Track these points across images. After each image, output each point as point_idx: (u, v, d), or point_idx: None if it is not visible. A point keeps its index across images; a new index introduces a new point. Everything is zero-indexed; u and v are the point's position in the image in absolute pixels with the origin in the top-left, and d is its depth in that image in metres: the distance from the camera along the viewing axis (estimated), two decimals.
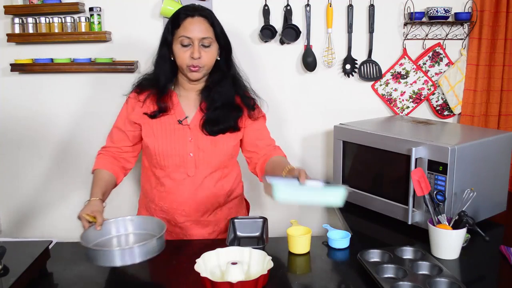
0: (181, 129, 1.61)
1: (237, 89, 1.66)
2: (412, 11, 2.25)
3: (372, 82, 2.37)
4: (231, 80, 1.65)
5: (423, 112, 2.42)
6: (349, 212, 1.86)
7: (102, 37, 2.20)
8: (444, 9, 2.19)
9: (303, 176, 1.33)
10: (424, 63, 2.35)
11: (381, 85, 2.37)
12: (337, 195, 1.28)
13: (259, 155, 1.69)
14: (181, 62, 1.56)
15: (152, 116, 1.61)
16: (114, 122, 1.72)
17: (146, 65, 2.30)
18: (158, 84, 1.62)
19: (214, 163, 1.64)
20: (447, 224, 1.46)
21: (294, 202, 1.30)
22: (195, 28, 1.53)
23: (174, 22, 1.56)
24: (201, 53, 1.54)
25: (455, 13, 2.25)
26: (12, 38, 2.20)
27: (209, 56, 1.56)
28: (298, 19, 2.28)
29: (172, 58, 1.60)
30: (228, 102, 1.63)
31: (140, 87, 1.66)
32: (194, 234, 1.69)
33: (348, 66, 2.33)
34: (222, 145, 1.63)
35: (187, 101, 1.65)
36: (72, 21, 2.22)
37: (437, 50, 2.33)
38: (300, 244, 1.46)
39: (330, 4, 2.26)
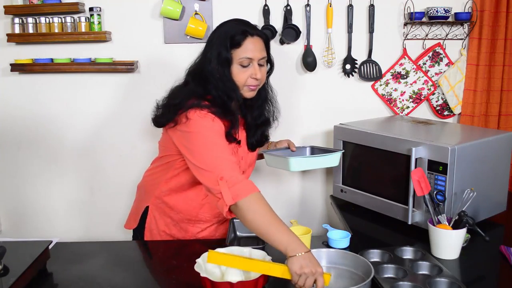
0: (236, 149, 1.62)
1: (268, 104, 1.70)
2: (412, 11, 2.25)
3: (372, 82, 2.37)
4: (267, 94, 1.68)
5: (423, 112, 2.42)
6: (349, 212, 1.87)
7: (102, 37, 2.20)
8: (444, 9, 2.19)
9: (292, 145, 1.79)
10: (424, 63, 2.35)
11: (381, 85, 2.37)
12: (336, 158, 1.72)
13: None
14: (241, 82, 1.51)
15: (235, 139, 1.54)
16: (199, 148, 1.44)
17: (146, 65, 2.31)
18: (233, 110, 1.53)
19: (250, 174, 1.73)
20: (447, 224, 1.46)
21: (304, 169, 1.69)
22: (256, 48, 1.50)
23: (233, 42, 1.48)
24: (260, 72, 1.54)
25: (455, 13, 2.25)
26: (12, 38, 2.20)
27: (264, 74, 1.57)
28: (298, 19, 2.28)
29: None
30: (267, 117, 1.69)
31: (214, 112, 1.48)
32: (220, 234, 1.74)
33: (348, 66, 2.33)
34: (255, 155, 1.73)
35: None
36: (72, 21, 2.22)
37: (437, 50, 2.33)
38: None
39: (330, 4, 2.26)
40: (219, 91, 1.49)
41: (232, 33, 1.49)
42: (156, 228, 1.69)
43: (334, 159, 1.72)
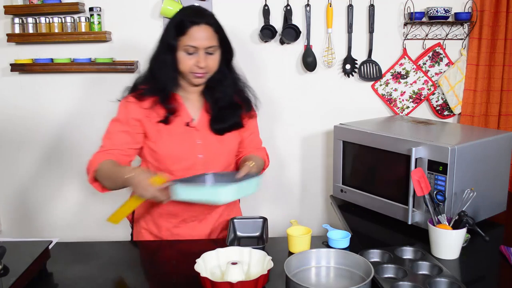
0: (189, 132, 1.61)
1: (236, 88, 1.67)
2: (412, 11, 2.25)
3: (372, 82, 2.37)
4: (232, 79, 1.66)
5: (423, 112, 2.42)
6: (349, 212, 1.86)
7: (102, 37, 2.20)
8: (444, 9, 2.19)
9: (244, 170, 1.51)
10: (424, 63, 2.35)
11: (381, 85, 2.37)
12: (222, 194, 1.35)
13: (240, 154, 1.75)
14: (186, 68, 1.54)
15: (165, 121, 1.58)
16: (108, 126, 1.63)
17: (145, 65, 2.30)
18: (163, 90, 1.58)
19: (222, 162, 1.66)
20: (447, 224, 1.46)
21: (187, 199, 1.41)
22: (201, 37, 1.51)
23: (179, 29, 1.52)
24: (206, 60, 1.54)
25: (455, 13, 2.25)
26: (12, 38, 2.21)
27: (214, 62, 1.57)
28: (298, 19, 2.28)
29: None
30: (231, 100, 1.65)
31: (138, 95, 1.59)
32: (197, 233, 1.70)
33: (348, 66, 2.33)
34: (229, 143, 1.66)
35: (191, 103, 1.64)
36: (72, 21, 2.22)
37: (437, 50, 2.33)
38: (300, 244, 1.46)
39: (330, 4, 2.26)
40: (158, 77, 1.57)
41: (179, 21, 1.52)
42: (139, 225, 1.72)
43: (220, 195, 1.36)
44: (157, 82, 1.57)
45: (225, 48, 1.60)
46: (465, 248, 1.47)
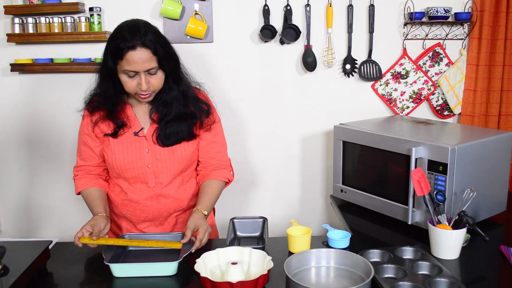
0: (138, 141, 1.60)
1: (187, 100, 1.61)
2: (412, 11, 2.25)
3: (372, 82, 2.37)
4: (180, 92, 1.60)
5: (423, 112, 2.42)
6: (349, 212, 1.87)
7: (102, 37, 2.20)
8: (444, 9, 2.19)
9: (187, 237, 1.44)
10: (424, 63, 2.35)
11: (381, 85, 2.37)
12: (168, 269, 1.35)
13: (202, 169, 1.70)
14: (130, 90, 1.51)
15: (113, 134, 1.59)
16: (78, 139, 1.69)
17: None
18: (108, 105, 1.58)
19: (173, 171, 1.63)
20: (447, 224, 1.46)
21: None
22: (139, 61, 1.43)
23: (116, 54, 1.45)
24: (149, 80, 1.49)
25: (455, 13, 2.25)
26: (12, 38, 2.21)
27: (157, 81, 1.51)
28: (298, 19, 2.28)
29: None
30: (179, 113, 1.59)
31: (91, 107, 1.61)
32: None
33: (348, 66, 2.33)
34: (180, 153, 1.62)
35: (142, 111, 1.62)
36: (72, 21, 2.22)
37: (437, 50, 2.33)
38: (300, 244, 1.46)
39: (330, 4, 2.26)
40: (105, 95, 1.57)
41: (114, 45, 1.45)
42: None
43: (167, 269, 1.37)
44: (106, 98, 1.57)
45: (167, 68, 1.52)
46: (465, 248, 1.47)
